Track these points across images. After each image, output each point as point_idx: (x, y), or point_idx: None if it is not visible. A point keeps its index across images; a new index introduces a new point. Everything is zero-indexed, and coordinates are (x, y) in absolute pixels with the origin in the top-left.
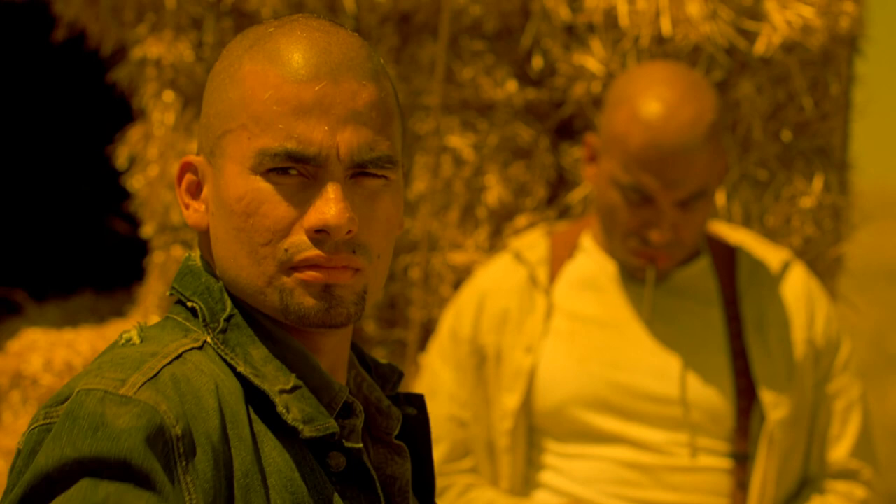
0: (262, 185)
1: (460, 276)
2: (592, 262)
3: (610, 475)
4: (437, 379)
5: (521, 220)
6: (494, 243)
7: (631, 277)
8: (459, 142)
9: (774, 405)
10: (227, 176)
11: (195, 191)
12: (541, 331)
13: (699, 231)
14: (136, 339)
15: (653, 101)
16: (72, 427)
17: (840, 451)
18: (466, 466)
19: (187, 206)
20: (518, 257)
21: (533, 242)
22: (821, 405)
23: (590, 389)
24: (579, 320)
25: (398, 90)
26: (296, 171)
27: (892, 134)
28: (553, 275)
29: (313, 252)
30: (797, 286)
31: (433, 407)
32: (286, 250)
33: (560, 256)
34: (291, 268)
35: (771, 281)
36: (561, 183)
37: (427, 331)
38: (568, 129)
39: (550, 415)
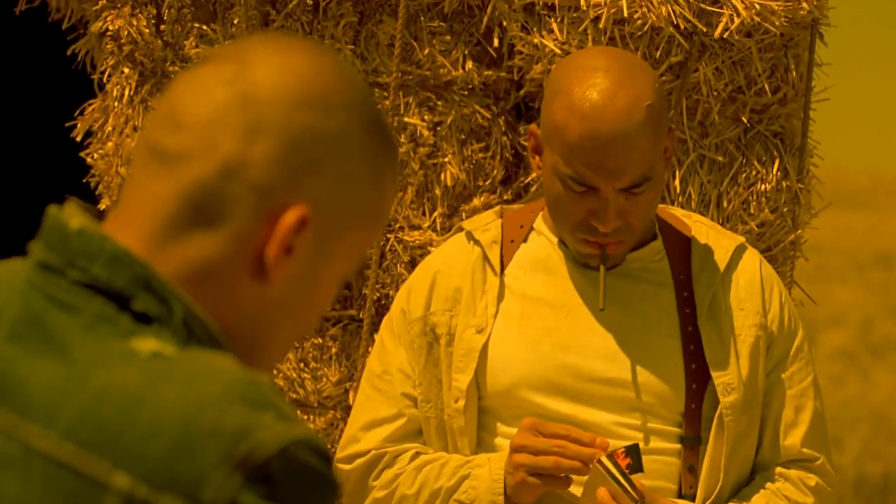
0: None
1: (416, 256)
2: (546, 244)
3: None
4: (389, 357)
5: (477, 201)
6: (450, 223)
7: (584, 264)
8: (416, 121)
9: (727, 390)
10: None
11: None
12: (493, 312)
13: (648, 215)
14: (171, 353)
15: (588, 91)
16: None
17: (793, 439)
18: (420, 440)
19: None
20: (470, 237)
21: (486, 223)
22: (773, 392)
23: (540, 372)
24: (530, 302)
25: (356, 68)
26: None
27: (881, 120)
28: (505, 256)
29: None
30: (751, 272)
31: (388, 385)
32: None
33: (512, 238)
34: None
35: (725, 266)
36: (518, 164)
37: (382, 309)
38: (526, 109)
39: (500, 396)
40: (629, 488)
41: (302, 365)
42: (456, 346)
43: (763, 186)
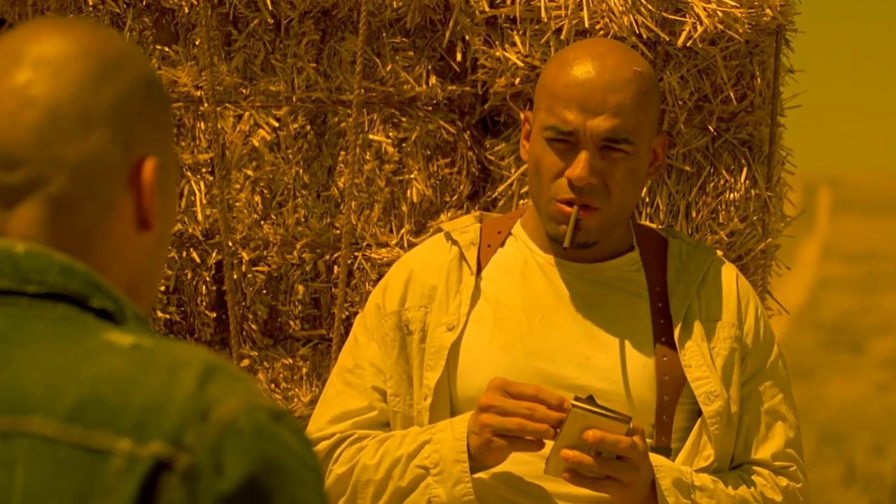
0: None
1: (383, 273)
2: (523, 249)
3: (528, 469)
4: (361, 352)
5: (444, 217)
6: (417, 240)
7: (555, 242)
8: (381, 138)
9: (710, 398)
10: None
11: None
12: (465, 311)
13: (625, 190)
14: (149, 343)
15: (581, 53)
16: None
17: (763, 454)
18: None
19: None
20: (449, 237)
21: (464, 226)
22: (745, 406)
23: (510, 377)
24: (504, 306)
25: (319, 86)
26: None
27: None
28: (482, 259)
29: None
30: (728, 285)
31: (359, 379)
32: None
33: (489, 243)
34: None
35: (701, 278)
36: (485, 178)
37: (351, 327)
38: (493, 124)
39: (471, 400)
40: (615, 414)
41: (273, 385)
42: (428, 343)
43: (732, 195)
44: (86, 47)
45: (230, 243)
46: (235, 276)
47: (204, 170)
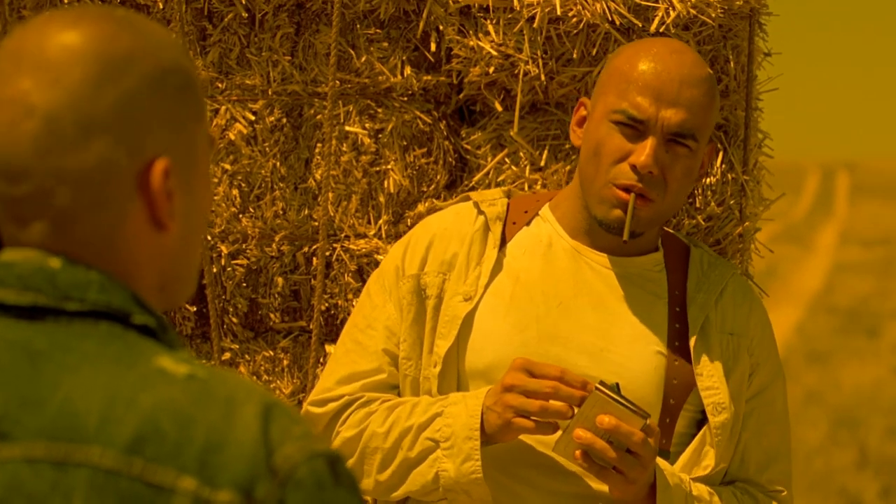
0: None
1: (362, 264)
2: (550, 231)
3: (526, 458)
4: (376, 313)
5: (422, 207)
6: (396, 231)
7: (603, 226)
8: (357, 129)
9: (717, 409)
10: None
11: None
12: (484, 284)
13: (679, 188)
14: (203, 374)
15: (658, 46)
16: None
17: (758, 473)
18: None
19: None
20: (477, 208)
21: (493, 199)
22: (745, 423)
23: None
24: (524, 284)
25: (294, 79)
26: None
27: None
28: (506, 235)
29: None
30: (743, 301)
31: (371, 339)
32: None
33: (515, 219)
34: None
35: (720, 290)
36: (462, 167)
37: (331, 319)
38: (469, 113)
39: (478, 374)
40: (635, 407)
41: (254, 378)
42: (442, 311)
43: (708, 180)
44: (89, 48)
45: (209, 237)
46: (215, 270)
47: None
